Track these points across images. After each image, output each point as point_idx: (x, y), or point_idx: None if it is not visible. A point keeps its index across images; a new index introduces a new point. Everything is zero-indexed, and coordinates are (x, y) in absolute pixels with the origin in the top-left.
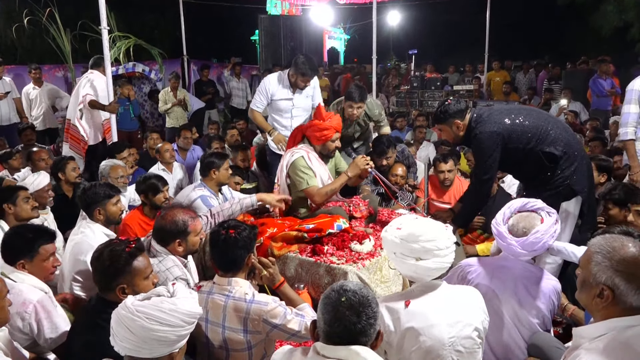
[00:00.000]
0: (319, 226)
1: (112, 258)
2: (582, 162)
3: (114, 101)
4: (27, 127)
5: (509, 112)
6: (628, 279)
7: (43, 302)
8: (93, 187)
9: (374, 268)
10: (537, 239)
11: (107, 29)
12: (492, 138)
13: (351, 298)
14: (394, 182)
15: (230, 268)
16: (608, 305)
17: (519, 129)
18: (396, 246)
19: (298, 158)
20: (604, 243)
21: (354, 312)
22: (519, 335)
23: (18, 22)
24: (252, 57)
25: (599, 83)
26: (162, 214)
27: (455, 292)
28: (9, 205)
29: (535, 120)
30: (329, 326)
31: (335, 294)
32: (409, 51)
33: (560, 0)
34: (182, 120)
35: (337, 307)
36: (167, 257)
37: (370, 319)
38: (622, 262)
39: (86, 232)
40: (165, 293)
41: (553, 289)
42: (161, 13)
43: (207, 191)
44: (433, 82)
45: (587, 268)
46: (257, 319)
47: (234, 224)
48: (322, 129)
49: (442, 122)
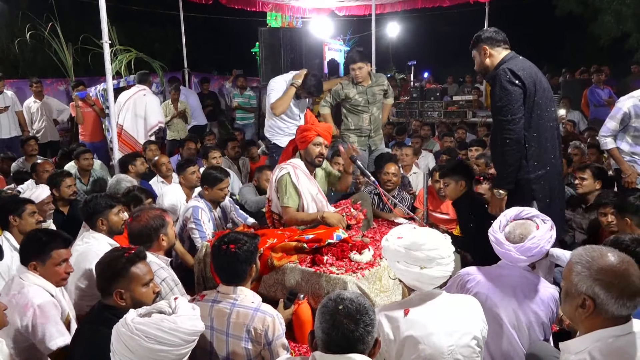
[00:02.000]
0: (318, 236)
1: (110, 262)
2: (553, 177)
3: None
4: (31, 138)
5: (537, 69)
6: (607, 288)
7: (44, 307)
8: (95, 198)
9: (373, 278)
10: (533, 245)
11: (109, 42)
12: (515, 75)
13: (348, 306)
14: (387, 180)
15: (233, 281)
16: (590, 316)
17: (539, 89)
18: (400, 255)
19: (284, 175)
20: (583, 253)
21: (352, 320)
22: (519, 343)
23: (20, 37)
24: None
25: (596, 93)
26: (135, 218)
27: (455, 301)
28: (14, 217)
29: (545, 104)
30: (327, 335)
31: (332, 303)
32: (408, 62)
33: (559, 10)
34: (182, 132)
35: (334, 315)
36: (151, 260)
37: (367, 327)
38: (600, 271)
39: (91, 242)
40: (166, 309)
41: (551, 296)
42: (162, 26)
43: (202, 203)
44: (432, 93)
45: (569, 279)
46: (260, 328)
47: (234, 238)
48: (303, 131)
49: (473, 47)
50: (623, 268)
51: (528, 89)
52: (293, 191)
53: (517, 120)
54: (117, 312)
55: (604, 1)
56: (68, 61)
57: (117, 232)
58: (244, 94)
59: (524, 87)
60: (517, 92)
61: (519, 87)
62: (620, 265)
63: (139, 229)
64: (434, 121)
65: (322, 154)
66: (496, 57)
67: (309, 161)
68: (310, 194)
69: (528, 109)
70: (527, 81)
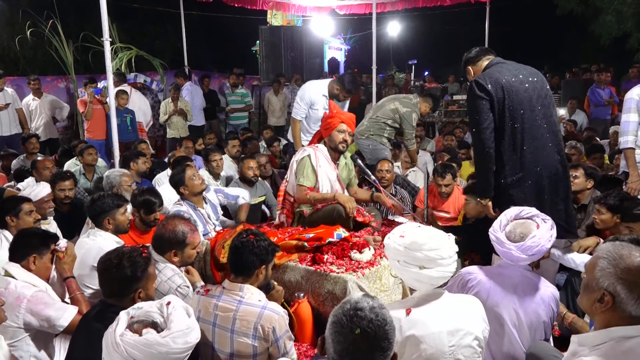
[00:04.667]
0: (319, 235)
1: (132, 264)
2: (542, 177)
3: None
4: (31, 136)
5: (516, 72)
6: (630, 288)
7: (37, 295)
8: (102, 197)
9: (373, 277)
10: (534, 243)
11: (109, 40)
12: (480, 86)
13: (366, 330)
14: (381, 177)
15: (241, 272)
16: (607, 311)
17: (509, 94)
18: (399, 254)
19: (305, 157)
20: (612, 249)
21: (369, 346)
22: (520, 343)
23: (21, 34)
24: (253, 68)
25: (597, 93)
26: (163, 223)
27: (456, 301)
28: (11, 217)
29: (525, 105)
30: (340, 357)
31: (347, 321)
32: (409, 61)
33: (560, 10)
34: (182, 130)
35: (349, 339)
36: (165, 265)
37: (386, 352)
38: (626, 270)
39: (97, 239)
40: (158, 318)
41: (552, 295)
42: (162, 24)
43: (184, 206)
44: (433, 92)
45: (592, 272)
46: (268, 326)
47: (257, 233)
48: (327, 118)
49: (464, 72)
50: None
51: (495, 96)
52: (311, 172)
53: (484, 130)
54: (119, 310)
55: (604, 1)
56: (68, 59)
57: (123, 231)
58: (235, 92)
59: (489, 95)
60: (481, 103)
61: (484, 97)
62: None
63: (157, 234)
64: (434, 120)
65: (346, 140)
66: (478, 70)
67: (333, 147)
68: (327, 178)
69: (499, 115)
70: (493, 89)
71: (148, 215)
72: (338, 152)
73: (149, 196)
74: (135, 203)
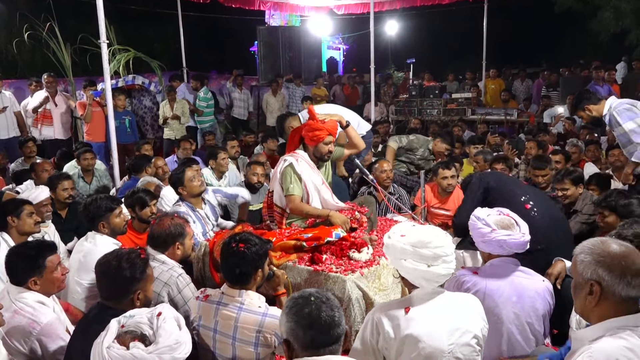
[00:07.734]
0: (317, 235)
1: (131, 266)
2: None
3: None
4: (29, 139)
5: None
6: (611, 268)
7: (52, 324)
8: (94, 202)
9: (372, 276)
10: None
11: (107, 42)
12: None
13: (317, 296)
14: (383, 177)
15: (238, 282)
16: (600, 302)
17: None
18: (407, 253)
19: (288, 165)
20: (587, 244)
21: (328, 306)
22: (519, 340)
23: (18, 37)
24: (251, 68)
25: (595, 90)
26: (157, 221)
27: (455, 300)
28: (12, 218)
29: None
30: (310, 327)
31: (301, 300)
32: (407, 60)
33: (558, 7)
34: (179, 131)
35: (310, 309)
36: (166, 259)
37: (340, 310)
38: (603, 254)
39: (96, 241)
40: (147, 330)
41: (546, 288)
42: (160, 26)
43: (183, 207)
44: (431, 91)
45: (575, 270)
46: (270, 332)
47: (246, 238)
48: (315, 130)
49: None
50: (625, 250)
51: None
52: (296, 180)
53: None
54: (117, 313)
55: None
56: (66, 61)
57: (120, 232)
58: (197, 95)
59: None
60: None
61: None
62: (621, 247)
63: (157, 232)
64: (433, 119)
65: (331, 150)
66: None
67: (318, 157)
68: (313, 184)
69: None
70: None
71: (143, 209)
72: (323, 161)
73: (139, 193)
74: (127, 203)
